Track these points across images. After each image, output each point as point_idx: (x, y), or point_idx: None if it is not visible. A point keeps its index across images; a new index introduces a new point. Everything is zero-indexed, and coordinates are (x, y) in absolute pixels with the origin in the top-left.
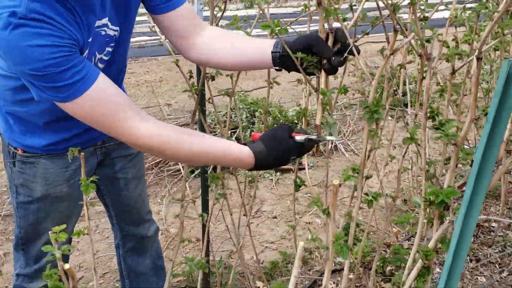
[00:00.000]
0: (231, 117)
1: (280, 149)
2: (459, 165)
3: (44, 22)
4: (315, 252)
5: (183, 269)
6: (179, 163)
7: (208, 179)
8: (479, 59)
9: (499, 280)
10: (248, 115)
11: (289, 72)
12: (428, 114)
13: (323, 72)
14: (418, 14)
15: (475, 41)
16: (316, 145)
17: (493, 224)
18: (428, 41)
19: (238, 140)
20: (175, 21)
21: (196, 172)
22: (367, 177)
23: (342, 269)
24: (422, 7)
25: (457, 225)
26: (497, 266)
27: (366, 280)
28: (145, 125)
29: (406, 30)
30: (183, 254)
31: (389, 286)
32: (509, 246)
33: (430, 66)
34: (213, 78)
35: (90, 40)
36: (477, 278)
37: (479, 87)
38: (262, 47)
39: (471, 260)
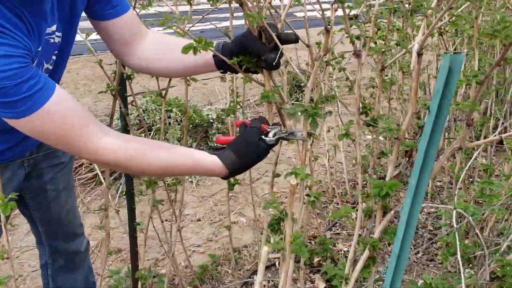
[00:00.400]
0: (143, 119)
1: (252, 156)
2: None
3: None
4: (243, 251)
5: (107, 283)
6: (96, 169)
7: (133, 186)
8: (419, 54)
9: (415, 260)
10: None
11: (236, 74)
12: (361, 110)
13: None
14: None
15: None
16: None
17: None
18: (357, 37)
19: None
20: (120, 28)
21: (111, 178)
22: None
23: (273, 265)
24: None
25: (403, 213)
26: (412, 248)
27: (297, 273)
28: (107, 140)
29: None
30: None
31: (318, 276)
32: (420, 227)
33: (360, 62)
34: (129, 78)
35: (39, 49)
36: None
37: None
38: (204, 53)
39: (389, 244)
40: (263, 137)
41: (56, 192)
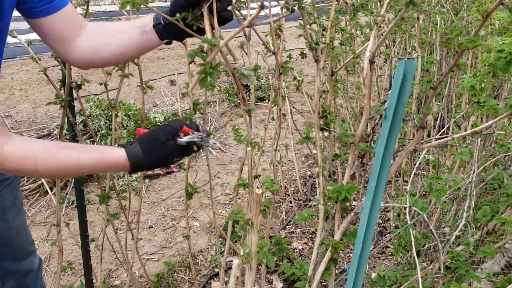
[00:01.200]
0: (87, 125)
1: (158, 153)
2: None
3: None
4: (199, 256)
5: None
6: (42, 179)
7: (84, 198)
8: (372, 62)
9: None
10: (107, 121)
11: (181, 42)
12: (320, 114)
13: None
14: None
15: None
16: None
17: (353, 203)
18: (317, 43)
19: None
20: (57, 24)
21: (54, 189)
22: (256, 177)
23: (230, 268)
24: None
25: (363, 215)
26: None
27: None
28: (11, 146)
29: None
30: (56, 282)
31: (275, 277)
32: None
33: (318, 67)
34: (79, 87)
35: None
36: (350, 255)
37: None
38: (144, 25)
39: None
40: (177, 137)
41: (3, 210)
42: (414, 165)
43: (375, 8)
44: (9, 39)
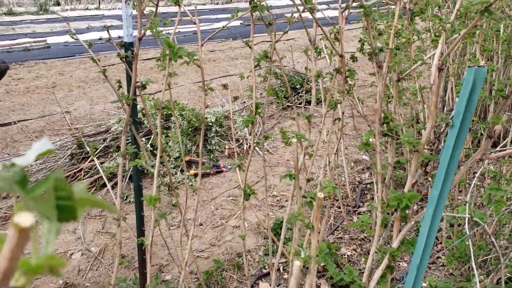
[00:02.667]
0: (143, 123)
1: None
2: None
3: None
4: (247, 256)
5: None
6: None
7: (142, 194)
8: (440, 69)
9: None
10: (162, 120)
11: None
12: (381, 120)
13: None
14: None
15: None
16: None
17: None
18: (381, 50)
19: None
20: None
21: (111, 183)
22: (308, 180)
23: (269, 273)
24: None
25: (424, 224)
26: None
27: (302, 279)
28: None
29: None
30: (109, 274)
31: (323, 281)
32: None
33: (381, 73)
34: (144, 87)
35: None
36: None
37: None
38: None
39: None
40: None
41: None
42: (473, 174)
43: (431, 12)
44: (68, 38)
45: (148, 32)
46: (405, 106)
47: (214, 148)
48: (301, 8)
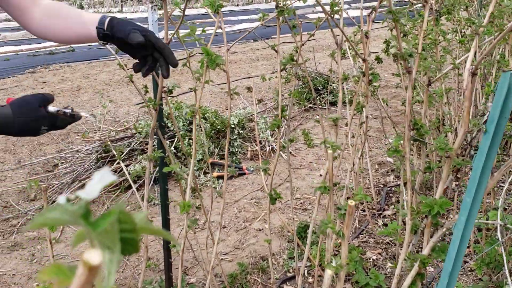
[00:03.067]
0: (167, 126)
1: (28, 117)
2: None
3: None
4: (272, 259)
5: None
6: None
7: (168, 198)
8: (474, 74)
9: None
10: (185, 122)
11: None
12: (411, 126)
13: None
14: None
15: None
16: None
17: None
18: (410, 55)
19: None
20: None
21: (136, 185)
22: (335, 184)
23: (293, 277)
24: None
25: (456, 231)
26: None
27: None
28: None
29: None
30: (135, 276)
31: (349, 286)
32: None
33: (411, 78)
34: (170, 92)
35: None
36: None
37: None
38: (88, 23)
39: None
40: (46, 105)
41: None
42: (502, 177)
43: (457, 13)
44: (94, 43)
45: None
46: (431, 108)
47: (236, 150)
48: (327, 8)
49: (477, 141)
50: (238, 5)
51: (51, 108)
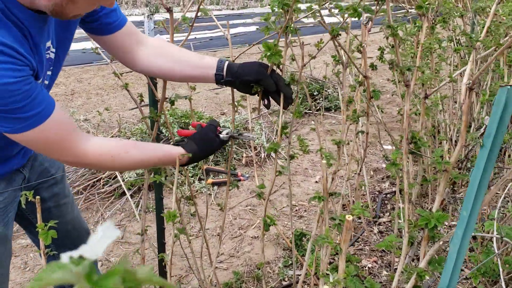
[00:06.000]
0: (161, 132)
1: (210, 148)
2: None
3: (8, 56)
4: (266, 268)
5: None
6: (125, 174)
7: (162, 207)
8: (471, 89)
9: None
10: (180, 128)
11: (225, 86)
12: (408, 139)
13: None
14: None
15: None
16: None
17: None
18: (409, 69)
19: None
20: (121, 39)
21: (130, 192)
22: (331, 194)
23: (289, 285)
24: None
25: (453, 245)
26: None
27: None
28: (91, 146)
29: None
30: None
31: None
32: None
33: (409, 92)
34: (172, 103)
35: (39, 64)
36: None
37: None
38: (205, 67)
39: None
40: (218, 134)
41: (58, 207)
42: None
43: (452, 22)
44: (86, 45)
45: None
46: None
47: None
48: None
49: (474, 153)
50: (233, 9)
51: (224, 136)
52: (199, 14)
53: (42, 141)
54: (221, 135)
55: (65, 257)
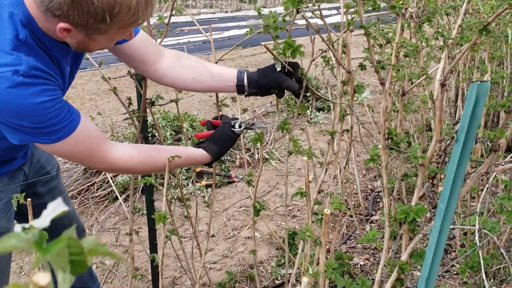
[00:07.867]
0: (154, 135)
1: (229, 145)
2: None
3: (42, 78)
4: (260, 267)
5: None
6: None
7: (154, 208)
8: (443, 85)
9: None
10: (173, 132)
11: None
12: (386, 136)
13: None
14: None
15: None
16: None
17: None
18: (383, 67)
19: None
20: (136, 48)
21: (124, 196)
22: (319, 192)
23: (282, 284)
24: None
25: (432, 237)
26: None
27: None
28: (118, 153)
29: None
30: (124, 287)
31: None
32: None
33: (384, 89)
34: (153, 104)
35: (63, 84)
36: None
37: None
38: (226, 79)
39: None
40: (232, 128)
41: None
42: (486, 181)
43: (440, 19)
44: None
45: None
46: (416, 113)
47: (225, 158)
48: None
49: (451, 148)
50: (227, 12)
51: (237, 129)
52: (174, 12)
53: (70, 151)
54: (235, 130)
55: (18, 228)
